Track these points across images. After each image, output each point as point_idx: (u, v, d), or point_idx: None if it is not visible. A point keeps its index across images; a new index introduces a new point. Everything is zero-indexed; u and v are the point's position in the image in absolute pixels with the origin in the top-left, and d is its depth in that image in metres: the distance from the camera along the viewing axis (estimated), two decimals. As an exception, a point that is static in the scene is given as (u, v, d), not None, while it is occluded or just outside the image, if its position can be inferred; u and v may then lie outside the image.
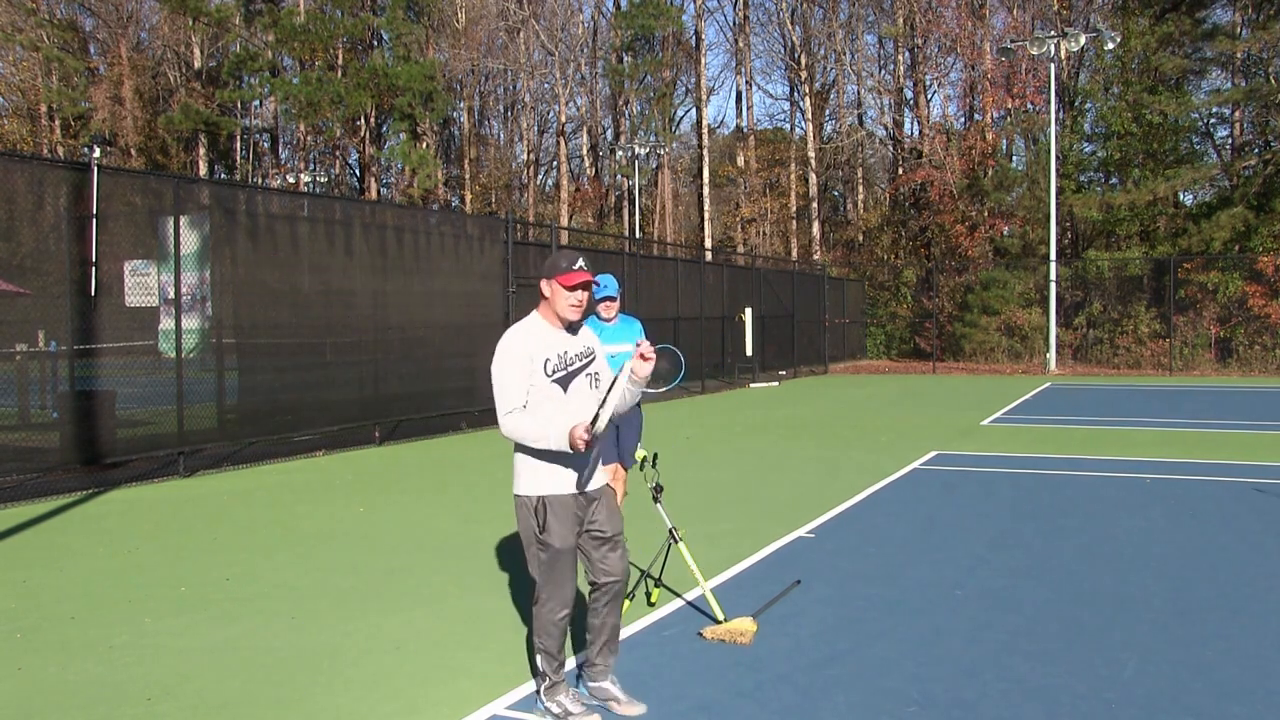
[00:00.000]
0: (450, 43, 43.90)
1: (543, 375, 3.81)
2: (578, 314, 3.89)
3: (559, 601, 3.86)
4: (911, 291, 34.39)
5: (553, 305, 3.87)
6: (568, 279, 3.81)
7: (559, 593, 3.85)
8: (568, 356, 3.90)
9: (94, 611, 5.54)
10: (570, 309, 3.86)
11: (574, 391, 3.89)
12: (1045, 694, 4.18)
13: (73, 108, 45.03)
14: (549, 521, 3.81)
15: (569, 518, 3.84)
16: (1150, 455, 11.32)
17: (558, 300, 3.85)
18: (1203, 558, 6.51)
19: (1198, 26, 31.46)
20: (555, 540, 3.81)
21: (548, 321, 3.92)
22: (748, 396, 21.13)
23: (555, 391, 3.83)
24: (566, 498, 3.85)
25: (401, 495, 9.36)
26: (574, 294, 3.84)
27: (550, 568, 3.83)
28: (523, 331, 3.88)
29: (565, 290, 3.83)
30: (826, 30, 43.59)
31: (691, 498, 8.80)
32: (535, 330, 3.89)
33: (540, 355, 3.82)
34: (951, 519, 7.89)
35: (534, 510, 3.84)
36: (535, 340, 3.85)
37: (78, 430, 9.81)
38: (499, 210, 44.53)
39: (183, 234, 10.65)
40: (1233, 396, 19.77)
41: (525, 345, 3.82)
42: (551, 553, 3.81)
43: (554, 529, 3.81)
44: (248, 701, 4.19)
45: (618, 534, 3.99)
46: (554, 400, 3.83)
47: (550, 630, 3.88)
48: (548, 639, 3.89)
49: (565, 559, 3.83)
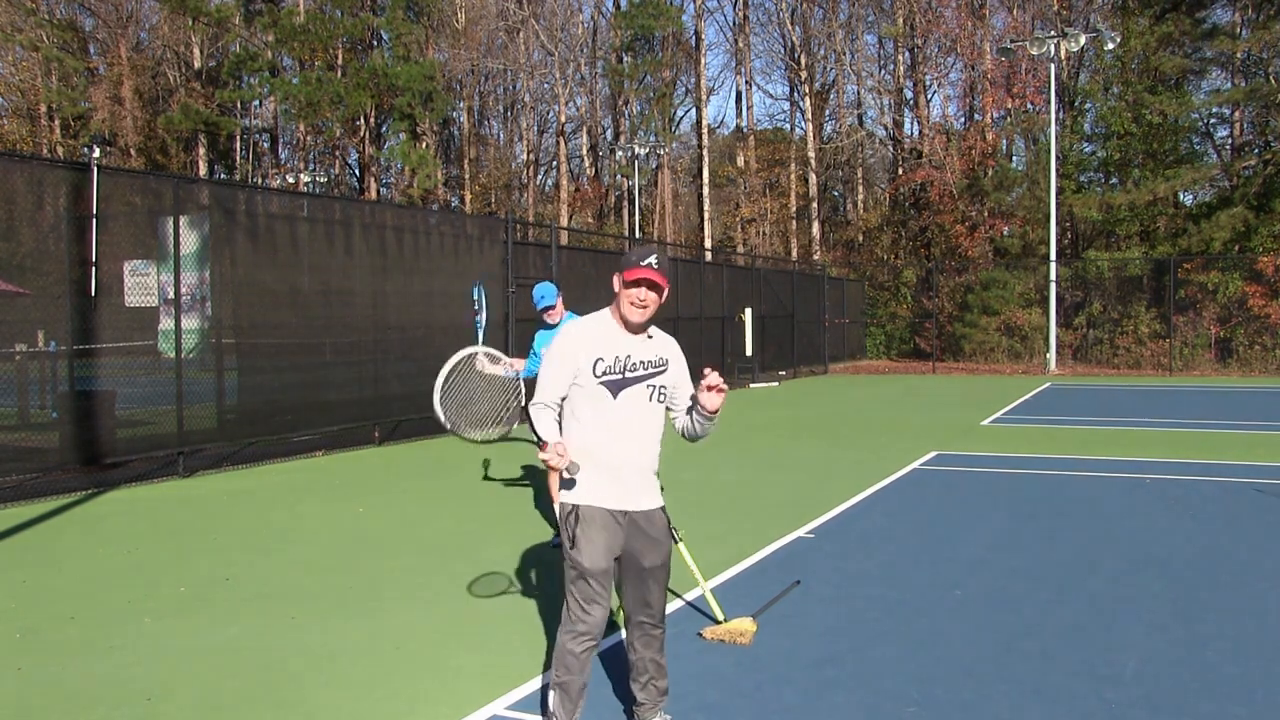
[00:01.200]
0: (450, 43, 43.91)
1: (590, 374, 3.48)
2: (638, 315, 3.49)
3: (582, 629, 3.43)
4: (911, 291, 34.39)
5: (618, 302, 3.53)
6: (631, 273, 3.45)
7: (583, 618, 3.43)
8: (629, 361, 3.51)
9: (94, 611, 5.54)
10: (631, 308, 3.48)
11: (626, 401, 3.50)
12: (1045, 694, 4.18)
13: (72, 108, 45.02)
14: (579, 536, 3.46)
15: (602, 536, 3.46)
16: (1150, 455, 11.31)
17: (621, 297, 3.51)
18: (1203, 558, 6.51)
19: (1198, 26, 31.46)
20: (584, 559, 3.43)
21: (615, 320, 3.57)
22: (747, 397, 21.13)
23: (602, 395, 3.48)
24: (603, 513, 3.48)
25: (401, 495, 9.36)
26: (635, 290, 3.46)
27: (577, 589, 3.45)
28: (584, 325, 3.58)
29: (626, 286, 3.47)
30: (826, 30, 43.61)
31: (691, 498, 8.80)
32: (599, 326, 3.57)
33: (593, 353, 3.48)
34: (951, 519, 7.88)
35: (566, 519, 3.51)
36: (592, 336, 3.53)
37: (77, 430, 9.81)
38: (499, 210, 44.54)
39: (182, 234, 10.64)
40: (1233, 396, 19.77)
41: (576, 341, 3.52)
42: (580, 571, 3.44)
43: (583, 545, 3.44)
44: (248, 701, 4.19)
45: (660, 565, 3.60)
46: (599, 404, 3.48)
47: (567, 661, 3.44)
48: (564, 671, 3.45)
49: (594, 581, 3.44)
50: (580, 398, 3.51)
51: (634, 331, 3.55)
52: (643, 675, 3.67)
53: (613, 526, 3.49)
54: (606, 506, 3.49)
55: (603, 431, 3.50)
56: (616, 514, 3.51)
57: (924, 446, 12.20)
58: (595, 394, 3.49)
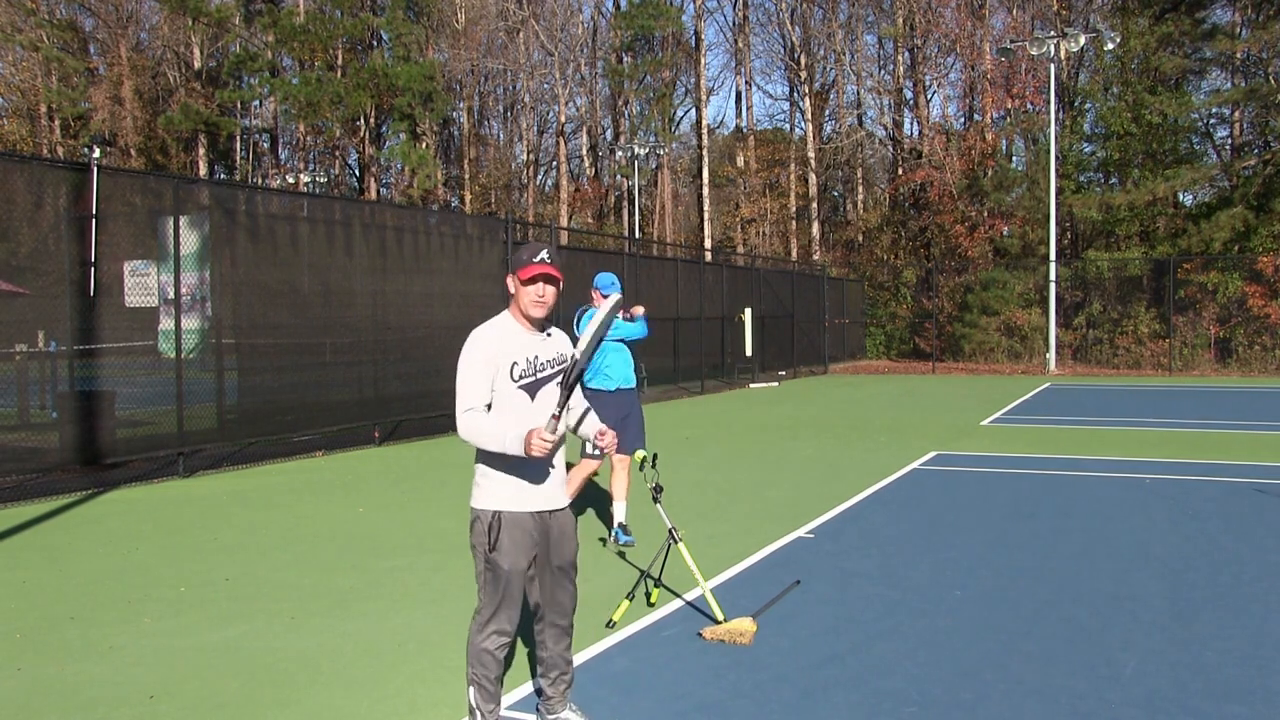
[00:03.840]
0: (450, 43, 43.89)
1: (508, 380, 3.50)
2: (541, 310, 3.55)
3: (497, 628, 3.53)
4: (911, 292, 34.40)
5: (517, 302, 3.57)
6: (525, 272, 3.50)
7: (499, 618, 3.52)
8: (538, 362, 3.57)
9: (94, 611, 5.54)
10: (532, 305, 3.53)
11: (541, 401, 3.56)
12: (1045, 694, 4.18)
13: (72, 108, 45.02)
14: (501, 539, 3.50)
15: (524, 538, 3.53)
16: (1150, 455, 11.32)
17: (520, 296, 3.54)
18: (1203, 558, 6.51)
19: (1197, 26, 31.45)
20: (505, 561, 3.49)
21: (517, 321, 3.59)
22: (747, 397, 21.13)
23: (521, 400, 3.53)
24: (524, 516, 3.54)
25: (401, 495, 9.35)
26: (533, 288, 3.51)
27: (494, 589, 3.52)
28: (490, 331, 3.57)
29: (523, 286, 3.52)
30: (826, 30, 43.61)
31: (691, 498, 8.80)
32: (504, 331, 3.58)
33: (507, 358, 3.51)
34: (951, 519, 7.88)
35: (488, 526, 3.52)
36: (502, 341, 3.54)
37: (77, 430, 9.81)
38: (498, 210, 44.53)
39: (182, 234, 10.64)
40: (1233, 396, 19.77)
41: (490, 346, 3.52)
42: (498, 573, 3.50)
43: (505, 548, 3.50)
44: (248, 701, 4.19)
45: (570, 564, 3.69)
46: (518, 410, 3.52)
47: (485, 660, 3.54)
48: (481, 668, 3.55)
49: (513, 582, 3.52)
50: (498, 403, 3.52)
51: (537, 329, 3.61)
52: (552, 671, 3.75)
53: (532, 529, 3.55)
54: (529, 509, 3.55)
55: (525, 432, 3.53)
56: (536, 516, 3.57)
57: (924, 446, 12.20)
58: (514, 398, 3.52)
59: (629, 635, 4.95)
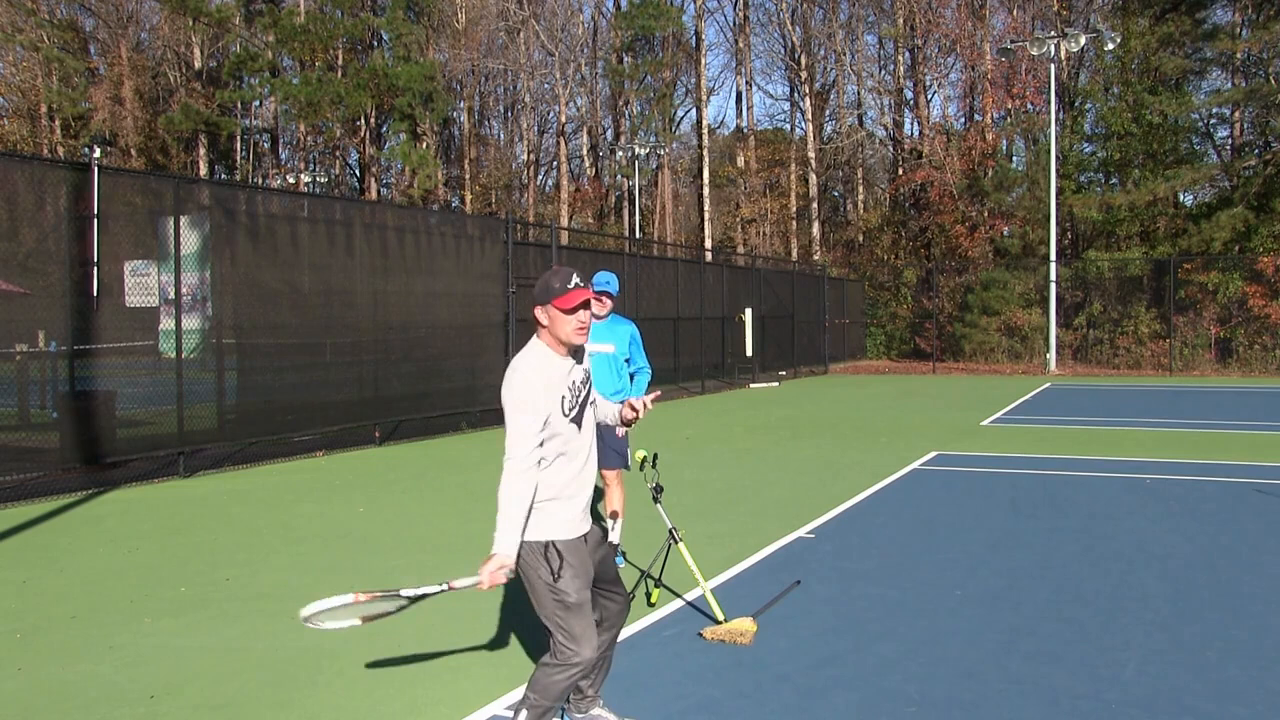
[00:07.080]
0: (450, 43, 43.89)
1: (560, 416, 3.37)
2: (584, 337, 3.42)
3: (577, 660, 3.32)
4: (911, 292, 34.40)
5: (554, 332, 3.39)
6: (566, 301, 3.34)
7: (579, 651, 3.32)
8: (576, 387, 3.47)
9: (94, 611, 5.54)
10: (577, 333, 3.38)
11: (586, 427, 3.50)
12: (1045, 694, 4.18)
13: (73, 108, 45.01)
14: (564, 571, 3.34)
15: (582, 565, 3.42)
16: (1150, 455, 11.32)
17: (559, 326, 3.37)
18: (1203, 558, 6.51)
19: (1198, 26, 31.47)
20: (573, 593, 3.33)
21: (553, 350, 3.43)
22: (748, 397, 21.13)
23: (571, 433, 3.41)
24: (578, 542, 3.43)
25: (401, 495, 9.36)
26: (576, 315, 3.37)
27: (569, 623, 3.32)
28: (535, 361, 3.39)
29: (565, 315, 3.35)
30: (826, 30, 43.62)
31: (691, 498, 8.80)
32: (546, 360, 3.41)
33: (557, 392, 3.37)
34: (951, 519, 7.89)
35: (544, 557, 3.35)
36: (550, 376, 3.37)
37: (78, 430, 9.81)
38: (499, 210, 44.53)
39: (183, 234, 10.65)
40: (1233, 397, 19.77)
41: (544, 375, 3.35)
42: (568, 605, 3.33)
43: (569, 578, 3.34)
44: (248, 701, 4.19)
45: (615, 576, 3.68)
46: (568, 439, 3.40)
47: (552, 692, 3.36)
48: (546, 699, 3.37)
49: (585, 611, 3.37)
50: (556, 443, 3.39)
51: (569, 355, 3.48)
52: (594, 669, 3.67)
53: (584, 552, 3.48)
54: (579, 535, 3.47)
55: (575, 462, 3.46)
56: (583, 539, 3.49)
57: (924, 446, 12.20)
58: (566, 431, 3.41)
59: (629, 635, 4.95)
